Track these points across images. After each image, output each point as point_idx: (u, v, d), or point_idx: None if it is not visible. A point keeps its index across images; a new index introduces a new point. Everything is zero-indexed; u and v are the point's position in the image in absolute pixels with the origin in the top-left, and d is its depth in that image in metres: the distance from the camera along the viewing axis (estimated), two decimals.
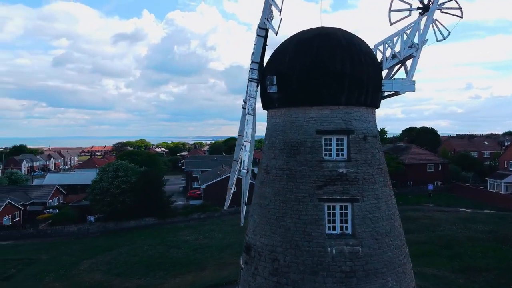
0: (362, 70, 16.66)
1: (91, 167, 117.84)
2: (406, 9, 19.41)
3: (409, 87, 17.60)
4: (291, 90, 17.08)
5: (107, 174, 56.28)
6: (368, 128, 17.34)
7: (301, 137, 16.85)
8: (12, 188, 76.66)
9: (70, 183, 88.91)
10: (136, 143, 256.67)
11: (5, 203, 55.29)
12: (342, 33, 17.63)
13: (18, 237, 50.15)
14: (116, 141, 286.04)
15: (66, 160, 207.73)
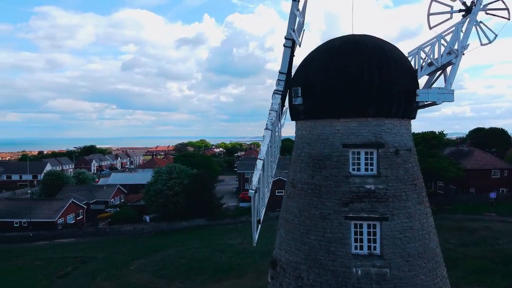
0: (393, 79, 15.65)
1: (152, 167, 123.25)
2: (446, 12, 18.02)
3: (447, 97, 16.25)
4: (316, 102, 16.48)
5: (161, 176, 58.48)
6: (401, 141, 16.26)
7: (327, 151, 16.20)
8: (79, 187, 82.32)
9: (132, 183, 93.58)
10: (197, 143, 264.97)
11: (69, 203, 59.42)
12: (372, 40, 16.69)
13: (79, 235, 53.66)
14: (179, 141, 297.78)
15: (132, 159, 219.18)
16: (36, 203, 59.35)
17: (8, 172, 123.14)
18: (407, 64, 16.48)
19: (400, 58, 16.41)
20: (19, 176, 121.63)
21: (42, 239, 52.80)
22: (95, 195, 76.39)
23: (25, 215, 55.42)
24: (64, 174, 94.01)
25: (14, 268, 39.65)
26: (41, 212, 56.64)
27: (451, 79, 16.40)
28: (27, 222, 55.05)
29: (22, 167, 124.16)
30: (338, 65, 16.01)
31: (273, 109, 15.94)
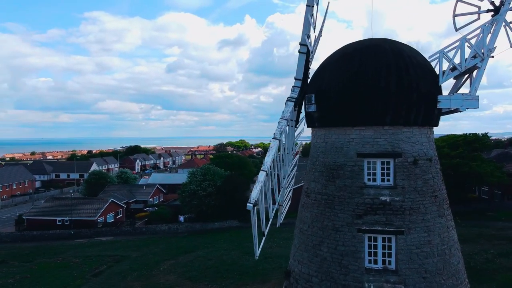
0: (412, 85, 14.86)
1: (191, 167, 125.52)
2: (473, 13, 16.98)
3: (471, 104, 15.22)
4: (330, 109, 15.98)
5: (196, 178, 59.32)
6: (420, 151, 15.40)
7: (341, 160, 15.64)
8: (120, 186, 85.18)
9: (171, 183, 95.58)
10: (236, 143, 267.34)
11: (109, 202, 61.57)
12: (391, 44, 15.93)
13: (117, 234, 55.46)
14: (220, 141, 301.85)
15: (174, 159, 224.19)
16: (78, 202, 62.03)
17: (56, 171, 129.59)
18: (428, 69, 15.58)
19: (421, 63, 15.55)
20: (67, 175, 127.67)
21: (83, 237, 55.05)
22: (135, 195, 78.72)
23: (67, 213, 58.05)
24: (107, 174, 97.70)
25: (54, 265, 41.56)
26: (83, 211, 59.11)
27: (476, 84, 15.36)
28: (69, 221, 57.64)
29: (70, 166, 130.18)
30: (353, 70, 15.41)
31: (284, 117, 15.55)
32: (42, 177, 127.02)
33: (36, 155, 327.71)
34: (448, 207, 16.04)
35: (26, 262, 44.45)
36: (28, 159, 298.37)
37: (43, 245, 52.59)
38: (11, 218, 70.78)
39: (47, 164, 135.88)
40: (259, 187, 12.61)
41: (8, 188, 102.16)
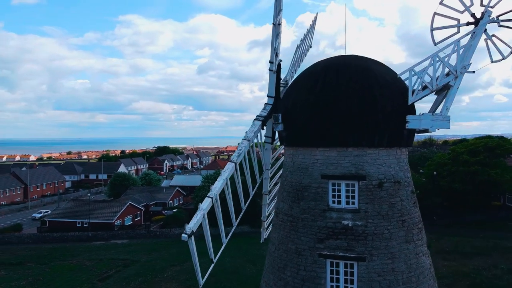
0: (376, 106, 14.31)
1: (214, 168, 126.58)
2: (452, 26, 16.12)
3: (441, 124, 14.46)
4: (295, 129, 15.65)
5: (209, 182, 59.65)
6: (387, 173, 14.80)
7: (306, 181, 15.27)
8: (142, 189, 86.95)
9: (191, 185, 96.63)
10: None
11: (127, 205, 62.95)
12: (358, 63, 15.39)
13: (132, 237, 56.60)
14: None
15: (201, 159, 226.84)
16: (97, 204, 63.80)
17: (86, 172, 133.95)
18: (397, 88, 14.93)
19: (389, 82, 14.93)
20: (96, 176, 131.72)
21: (99, 240, 56.56)
22: (155, 197, 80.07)
23: (87, 216, 59.81)
24: (131, 176, 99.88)
25: (67, 268, 42.94)
26: (101, 213, 60.73)
27: (448, 104, 14.57)
28: (88, 223, 59.36)
29: (99, 167, 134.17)
30: (317, 90, 15.01)
31: (246, 137, 15.35)
32: (73, 178, 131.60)
33: (72, 155, 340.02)
34: (419, 231, 15.35)
35: (42, 264, 46.09)
36: (64, 158, 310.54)
37: (61, 247, 54.40)
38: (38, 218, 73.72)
39: (77, 165, 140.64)
40: (200, 215, 12.50)
41: (39, 188, 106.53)
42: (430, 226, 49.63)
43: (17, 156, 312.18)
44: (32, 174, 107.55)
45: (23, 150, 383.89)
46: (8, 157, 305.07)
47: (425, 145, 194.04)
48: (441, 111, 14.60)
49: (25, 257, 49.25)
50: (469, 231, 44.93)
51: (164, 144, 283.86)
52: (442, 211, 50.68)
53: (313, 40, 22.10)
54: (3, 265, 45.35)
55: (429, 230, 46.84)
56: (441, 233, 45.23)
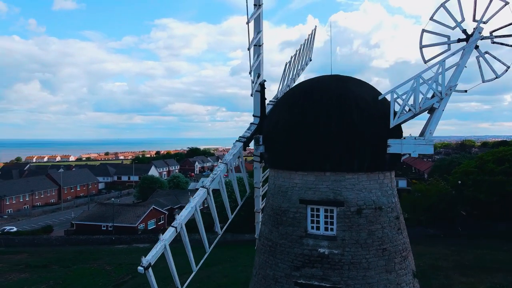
0: (354, 130, 13.81)
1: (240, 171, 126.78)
2: (442, 43, 15.34)
3: (424, 149, 13.79)
4: (276, 152, 15.37)
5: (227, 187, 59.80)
6: (368, 199, 14.25)
7: (285, 205, 14.96)
8: (168, 192, 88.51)
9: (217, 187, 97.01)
10: None
11: (150, 209, 64.23)
12: (338, 85, 14.92)
13: (154, 241, 57.30)
14: None
15: None
16: (121, 208, 65.47)
17: (118, 174, 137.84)
18: (378, 111, 14.33)
19: (369, 104, 14.37)
20: (128, 177, 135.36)
21: (122, 243, 57.96)
22: (180, 200, 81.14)
23: (112, 219, 61.47)
24: (158, 179, 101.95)
25: (87, 272, 44.27)
26: (125, 217, 62.26)
27: (432, 127, 13.90)
28: (112, 226, 61.00)
29: (131, 169, 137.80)
30: (295, 115, 14.69)
31: (224, 161, 15.23)
32: (106, 179, 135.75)
33: (109, 155, 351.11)
34: (403, 260, 14.66)
35: (65, 267, 47.74)
36: (102, 158, 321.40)
37: (86, 250, 56.17)
38: (69, 219, 76.51)
39: (110, 167, 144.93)
40: (160, 247, 12.48)
41: (73, 190, 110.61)
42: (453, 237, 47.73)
43: (57, 157, 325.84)
44: (67, 176, 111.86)
45: (64, 150, 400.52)
46: (49, 157, 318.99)
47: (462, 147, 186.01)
48: (425, 135, 13.92)
49: (50, 260, 51.20)
50: (493, 244, 42.71)
51: (198, 144, 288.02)
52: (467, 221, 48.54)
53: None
54: (28, 267, 47.34)
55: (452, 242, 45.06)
56: (464, 245, 43.32)
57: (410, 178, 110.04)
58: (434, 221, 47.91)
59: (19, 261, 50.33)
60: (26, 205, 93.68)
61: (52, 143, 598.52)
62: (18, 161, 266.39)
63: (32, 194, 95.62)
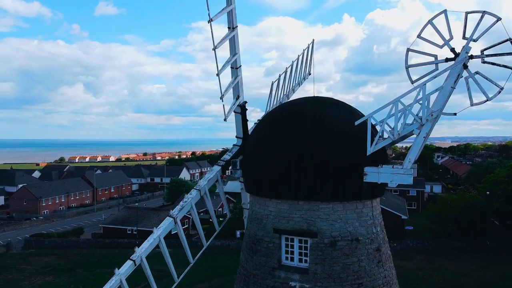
0: (327, 158, 13.15)
1: None
2: (428, 63, 14.35)
3: (402, 179, 12.86)
4: (252, 176, 14.92)
5: None
6: (343, 230, 13.51)
7: (260, 234, 14.48)
8: None
9: None
10: None
11: None
12: (314, 109, 14.25)
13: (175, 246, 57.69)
14: None
15: None
16: (146, 212, 66.70)
17: (151, 175, 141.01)
18: (354, 138, 13.54)
19: (345, 130, 13.61)
20: (160, 179, 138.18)
21: None
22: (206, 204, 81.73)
23: (137, 223, 62.76)
24: (186, 182, 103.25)
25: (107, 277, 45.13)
26: (149, 221, 63.30)
27: (411, 156, 12.96)
28: (136, 230, 62.26)
29: (164, 170, 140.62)
30: (269, 140, 14.20)
31: (197, 187, 14.94)
32: (139, 180, 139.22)
33: (147, 156, 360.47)
34: None
35: (89, 270, 49.17)
36: (140, 159, 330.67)
37: (110, 253, 57.60)
38: (100, 221, 78.91)
39: (144, 168, 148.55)
40: (115, 281, 12.32)
41: (107, 191, 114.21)
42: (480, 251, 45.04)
43: (98, 157, 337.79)
44: (101, 177, 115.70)
45: (105, 151, 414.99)
46: (91, 157, 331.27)
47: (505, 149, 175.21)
48: (404, 164, 13.01)
49: (75, 263, 52.91)
50: None
51: None
52: (498, 234, 45.79)
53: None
54: (54, 270, 49.14)
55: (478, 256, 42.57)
56: (491, 260, 40.92)
57: (446, 182, 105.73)
58: (461, 233, 45.55)
59: (46, 264, 52.34)
60: (62, 206, 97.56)
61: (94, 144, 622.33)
62: (62, 161, 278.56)
63: (67, 195, 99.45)
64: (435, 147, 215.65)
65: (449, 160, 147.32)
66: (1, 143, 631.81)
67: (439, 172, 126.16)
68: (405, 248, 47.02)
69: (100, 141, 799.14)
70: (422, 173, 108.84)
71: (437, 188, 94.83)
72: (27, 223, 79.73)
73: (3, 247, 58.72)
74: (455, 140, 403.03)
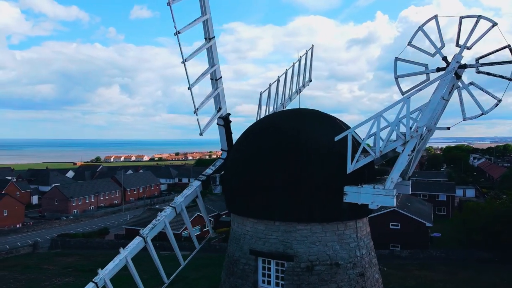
0: (304, 177, 12.33)
1: None
2: (419, 73, 13.26)
3: (384, 200, 11.86)
4: (230, 193, 14.26)
5: None
6: (322, 253, 12.62)
7: (237, 254, 13.82)
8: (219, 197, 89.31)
9: None
10: None
11: (194, 216, 65.15)
12: (292, 124, 13.41)
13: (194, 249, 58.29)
14: None
15: None
16: None
17: (180, 176, 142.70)
18: (334, 155, 12.62)
19: (325, 147, 12.70)
20: (188, 180, 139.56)
21: (165, 249, 59.05)
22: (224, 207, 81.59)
23: None
24: None
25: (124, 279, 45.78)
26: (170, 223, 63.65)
27: (394, 175, 11.92)
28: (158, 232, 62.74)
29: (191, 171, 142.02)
30: (246, 157, 13.54)
31: (173, 203, 14.43)
32: (168, 181, 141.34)
33: (179, 155, 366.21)
34: None
35: None
36: (172, 158, 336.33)
37: None
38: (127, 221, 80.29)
39: (173, 169, 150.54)
40: None
41: (136, 191, 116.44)
42: (509, 263, 42.13)
43: (132, 157, 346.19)
44: (130, 178, 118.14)
45: (139, 150, 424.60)
46: (125, 157, 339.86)
47: None
48: (386, 184, 11.98)
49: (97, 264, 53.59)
50: None
51: None
52: None
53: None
54: (75, 271, 50.16)
55: (507, 269, 39.82)
56: None
57: (480, 186, 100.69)
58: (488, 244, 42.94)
59: (69, 264, 53.54)
60: (92, 206, 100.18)
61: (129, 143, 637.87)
62: (98, 160, 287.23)
63: (97, 195, 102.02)
64: (472, 148, 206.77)
65: (485, 162, 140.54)
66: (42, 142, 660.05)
67: (473, 175, 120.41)
68: (428, 258, 44.86)
69: (134, 141, 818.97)
70: (455, 176, 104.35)
71: (470, 192, 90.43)
72: (57, 222, 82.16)
73: (30, 247, 60.57)
74: (495, 141, 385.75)
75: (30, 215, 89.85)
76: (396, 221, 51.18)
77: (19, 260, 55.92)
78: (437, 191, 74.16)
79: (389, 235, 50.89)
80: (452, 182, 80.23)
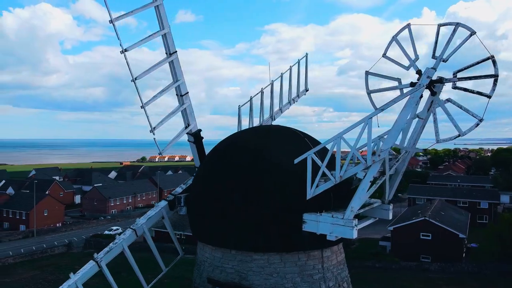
0: (260, 203, 11.38)
1: None
2: (391, 88, 11.97)
3: (343, 231, 10.66)
4: (192, 217, 13.53)
5: None
6: (279, 286, 11.59)
7: (197, 282, 13.09)
8: None
9: None
10: None
11: None
12: (257, 144, 12.47)
13: None
14: None
15: None
16: None
17: None
18: (295, 179, 11.55)
19: (284, 170, 11.66)
20: None
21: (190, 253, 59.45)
22: None
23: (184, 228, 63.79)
24: None
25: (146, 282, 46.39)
26: None
27: (354, 204, 10.70)
28: (184, 236, 63.28)
29: None
30: (206, 177, 12.78)
31: (133, 226, 13.89)
32: None
33: None
34: None
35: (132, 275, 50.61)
36: None
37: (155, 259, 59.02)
38: None
39: None
40: None
41: (166, 193, 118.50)
42: None
43: (176, 157, 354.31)
44: (167, 179, 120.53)
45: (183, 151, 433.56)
46: (169, 157, 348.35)
47: None
48: (346, 214, 10.77)
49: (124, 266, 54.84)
50: None
51: None
52: None
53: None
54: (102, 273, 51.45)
55: None
56: None
57: None
58: None
59: None
60: (129, 206, 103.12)
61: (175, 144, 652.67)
62: (143, 160, 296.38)
63: (134, 196, 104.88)
64: None
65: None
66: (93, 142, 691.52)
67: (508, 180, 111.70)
68: (458, 272, 41.82)
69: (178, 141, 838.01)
70: (502, 181, 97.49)
71: (504, 197, 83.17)
72: (94, 222, 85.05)
73: (65, 247, 62.79)
74: None
75: (71, 214, 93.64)
76: (427, 232, 48.33)
77: (53, 259, 58.12)
78: (478, 198, 69.50)
79: (420, 246, 48.21)
80: (495, 189, 74.86)
